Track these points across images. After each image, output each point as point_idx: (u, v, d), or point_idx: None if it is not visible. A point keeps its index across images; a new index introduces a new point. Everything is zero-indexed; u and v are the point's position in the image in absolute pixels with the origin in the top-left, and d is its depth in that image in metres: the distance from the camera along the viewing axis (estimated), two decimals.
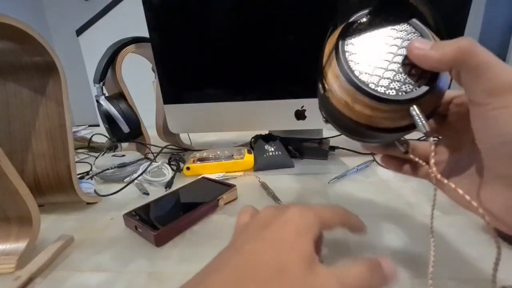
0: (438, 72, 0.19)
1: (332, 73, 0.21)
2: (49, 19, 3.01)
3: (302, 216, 0.20)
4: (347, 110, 0.20)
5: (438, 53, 0.18)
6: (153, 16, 0.52)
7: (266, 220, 0.20)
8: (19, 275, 0.27)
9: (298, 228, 0.19)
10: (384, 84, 0.19)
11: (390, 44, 0.21)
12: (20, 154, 0.37)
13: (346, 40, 0.21)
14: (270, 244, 0.18)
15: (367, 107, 0.19)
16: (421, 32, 0.21)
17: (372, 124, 0.20)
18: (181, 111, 0.59)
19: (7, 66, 0.35)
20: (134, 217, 0.35)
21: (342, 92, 0.20)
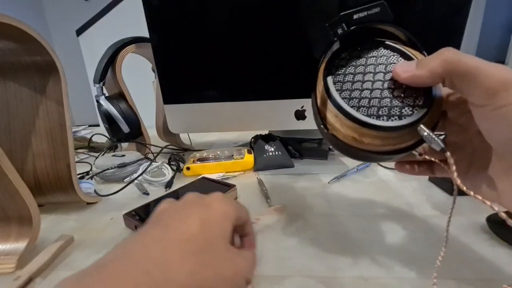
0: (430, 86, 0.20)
1: (330, 114, 0.21)
2: (49, 19, 3.01)
3: (225, 203, 0.21)
4: (357, 143, 0.21)
5: (425, 70, 0.19)
6: (153, 16, 0.52)
7: (190, 201, 0.22)
8: (19, 275, 0.27)
9: (223, 212, 0.20)
10: (385, 113, 0.20)
11: (375, 71, 0.21)
12: (20, 154, 0.37)
13: (333, 78, 0.22)
14: (198, 221, 0.18)
15: (376, 138, 0.20)
16: (399, 52, 0.21)
17: (384, 150, 0.21)
18: (181, 111, 0.59)
19: (7, 66, 0.35)
20: (134, 217, 0.35)
21: (347, 129, 0.20)
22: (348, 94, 0.21)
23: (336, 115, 0.21)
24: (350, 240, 0.31)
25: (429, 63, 0.18)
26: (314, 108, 0.23)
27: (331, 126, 0.21)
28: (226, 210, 0.20)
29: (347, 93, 0.21)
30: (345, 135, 0.21)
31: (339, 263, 0.28)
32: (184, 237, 0.17)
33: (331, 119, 0.21)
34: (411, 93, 0.20)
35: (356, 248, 0.30)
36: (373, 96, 0.20)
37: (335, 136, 0.21)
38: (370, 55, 0.22)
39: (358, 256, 0.29)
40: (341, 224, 0.35)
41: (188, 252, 0.17)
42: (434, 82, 0.19)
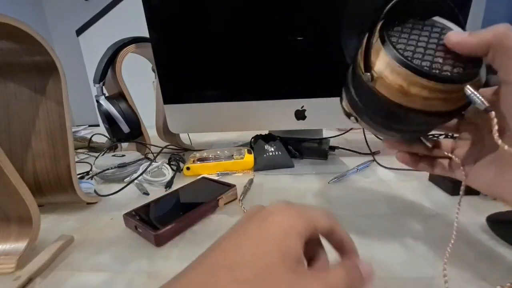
0: (478, 62, 0.21)
1: (381, 61, 0.21)
2: (49, 19, 3.01)
3: (288, 213, 0.17)
4: (400, 95, 0.21)
5: (475, 38, 0.19)
6: (153, 16, 0.52)
7: (249, 214, 0.19)
8: (19, 275, 0.27)
9: (283, 225, 0.16)
10: (438, 67, 0.20)
11: (430, 36, 0.22)
12: (20, 154, 0.37)
13: (389, 32, 0.22)
14: (252, 239, 0.16)
15: (425, 88, 0.20)
16: (453, 28, 0.22)
17: (426, 108, 0.21)
18: (181, 111, 0.59)
19: (7, 66, 0.35)
20: (134, 217, 0.35)
21: (396, 77, 0.21)
22: (403, 47, 0.21)
23: (388, 63, 0.21)
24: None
25: (481, 32, 0.19)
26: (361, 56, 0.23)
27: (377, 75, 0.21)
28: (289, 222, 0.17)
29: (402, 45, 0.21)
30: (391, 85, 0.21)
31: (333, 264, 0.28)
32: (231, 263, 0.15)
33: (381, 66, 0.21)
34: (462, 60, 0.21)
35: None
36: (427, 53, 0.21)
37: (375, 88, 0.22)
38: (426, 24, 0.23)
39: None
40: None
41: (236, 283, 0.14)
42: (478, 51, 0.20)
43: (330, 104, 0.55)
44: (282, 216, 0.17)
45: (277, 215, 0.17)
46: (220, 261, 0.15)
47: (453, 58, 0.20)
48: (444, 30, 0.22)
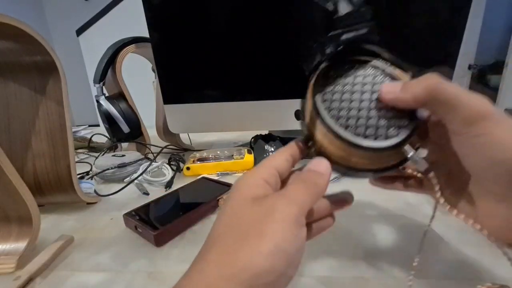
0: (415, 112, 0.21)
1: (319, 132, 0.21)
2: (49, 19, 3.01)
3: (295, 197, 0.18)
4: (344, 161, 0.21)
5: (408, 94, 0.19)
6: (153, 16, 0.52)
7: (245, 207, 0.19)
8: (19, 275, 0.27)
9: (290, 214, 0.17)
10: (372, 133, 0.20)
11: (362, 91, 0.21)
12: (20, 154, 0.37)
13: (322, 96, 0.22)
14: (265, 245, 0.16)
15: (363, 157, 0.21)
16: (385, 72, 0.22)
17: (371, 168, 0.21)
18: (181, 111, 0.59)
19: (7, 66, 0.35)
20: (134, 217, 0.35)
21: (335, 148, 0.21)
22: (337, 113, 0.21)
23: (325, 134, 0.21)
24: (350, 240, 0.31)
25: (412, 87, 0.19)
26: (303, 126, 0.23)
27: (319, 144, 0.22)
28: (293, 211, 0.17)
29: (335, 111, 0.21)
30: (334, 153, 0.21)
31: (339, 263, 0.28)
32: (247, 271, 0.15)
33: (319, 136, 0.22)
34: (396, 114, 0.20)
35: (356, 248, 0.30)
36: (360, 115, 0.21)
37: (324, 153, 0.22)
38: (357, 74, 0.22)
39: (358, 256, 0.29)
40: (341, 224, 0.35)
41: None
42: (416, 106, 0.20)
43: None
44: (288, 206, 0.18)
45: (283, 205, 0.18)
46: (229, 271, 0.16)
47: (388, 112, 0.20)
48: (376, 84, 0.21)
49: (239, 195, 0.19)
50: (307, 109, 0.22)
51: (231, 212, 0.18)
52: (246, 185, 0.19)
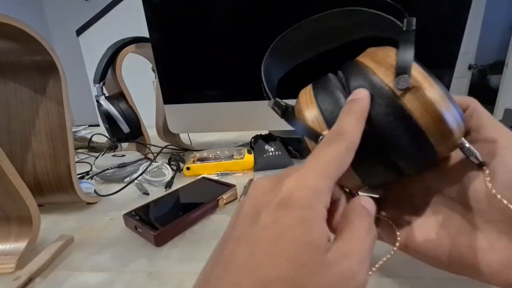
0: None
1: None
2: (49, 19, 3.01)
3: (303, 192, 0.14)
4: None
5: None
6: (153, 16, 0.52)
7: (255, 205, 0.16)
8: (19, 275, 0.27)
9: (302, 217, 0.14)
10: None
11: None
12: (20, 154, 0.37)
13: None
14: (263, 246, 0.13)
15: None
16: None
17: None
18: (181, 111, 0.59)
19: (7, 66, 0.35)
20: (134, 217, 0.35)
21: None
22: None
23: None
24: None
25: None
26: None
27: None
28: (307, 210, 0.14)
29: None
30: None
31: None
32: (258, 279, 0.12)
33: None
34: None
35: None
36: None
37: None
38: None
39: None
40: None
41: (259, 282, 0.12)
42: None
43: None
44: (297, 208, 0.14)
45: (290, 207, 0.14)
46: (236, 281, 0.13)
47: None
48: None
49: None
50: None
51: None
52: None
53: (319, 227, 0.14)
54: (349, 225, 0.15)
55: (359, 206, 0.17)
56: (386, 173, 0.19)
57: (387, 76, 0.17)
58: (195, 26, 0.52)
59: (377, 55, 0.19)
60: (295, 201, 0.14)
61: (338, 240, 0.15)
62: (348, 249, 0.14)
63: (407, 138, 0.17)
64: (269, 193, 0.16)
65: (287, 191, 0.15)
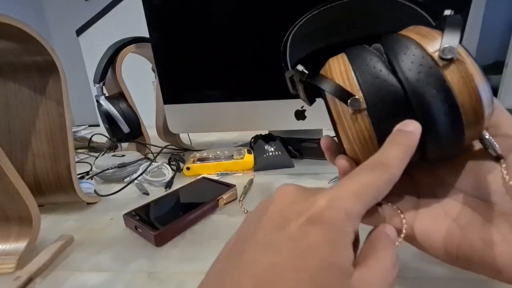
0: None
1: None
2: (49, 19, 3.01)
3: (336, 212, 0.14)
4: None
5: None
6: (153, 16, 0.52)
7: (281, 211, 0.15)
8: (19, 275, 0.27)
9: (331, 236, 0.13)
10: None
11: None
12: (20, 154, 0.37)
13: None
14: (288, 258, 0.13)
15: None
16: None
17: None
18: (181, 111, 0.59)
19: (7, 66, 0.35)
20: (134, 217, 0.35)
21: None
22: None
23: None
24: None
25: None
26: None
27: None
28: (336, 231, 0.14)
29: None
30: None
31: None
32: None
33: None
34: None
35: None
36: None
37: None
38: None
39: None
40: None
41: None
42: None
43: None
44: (328, 225, 0.14)
45: (321, 224, 0.14)
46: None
47: None
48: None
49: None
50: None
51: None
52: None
53: (346, 250, 0.14)
54: (375, 254, 0.15)
55: (385, 235, 0.16)
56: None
57: (431, 47, 0.17)
58: (195, 26, 0.52)
59: (421, 29, 0.19)
60: (326, 219, 0.14)
61: (362, 266, 0.14)
62: (373, 279, 0.14)
63: (441, 113, 0.16)
64: (299, 203, 0.15)
65: (319, 207, 0.14)
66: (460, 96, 0.16)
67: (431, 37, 0.17)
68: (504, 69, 2.26)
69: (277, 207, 0.15)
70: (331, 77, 0.19)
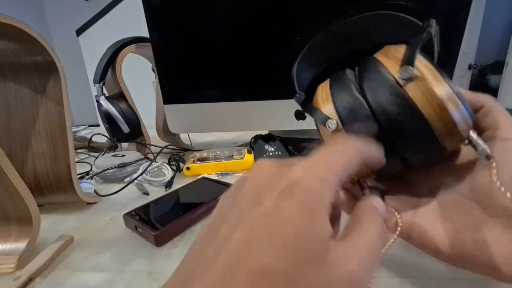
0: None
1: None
2: (49, 19, 3.01)
3: (311, 176, 0.14)
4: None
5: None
6: (153, 16, 0.52)
7: (256, 187, 0.14)
8: (19, 275, 0.27)
9: (306, 200, 0.13)
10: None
11: None
12: (20, 154, 0.37)
13: None
14: (262, 233, 0.12)
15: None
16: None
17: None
18: (181, 111, 0.59)
19: (7, 66, 0.35)
20: (134, 217, 0.35)
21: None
22: None
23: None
24: None
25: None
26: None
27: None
28: (311, 202, 0.13)
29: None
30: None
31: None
32: (246, 265, 0.11)
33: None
34: None
35: None
36: None
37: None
38: None
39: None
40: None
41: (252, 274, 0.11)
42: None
43: None
44: (301, 197, 0.13)
45: (294, 196, 0.13)
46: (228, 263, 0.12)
47: None
48: None
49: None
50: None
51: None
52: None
53: (323, 221, 0.13)
54: (359, 226, 0.14)
55: (371, 206, 0.16)
56: (394, 163, 0.20)
57: (393, 68, 0.19)
58: (195, 26, 0.52)
59: (389, 50, 0.21)
60: (301, 189, 0.13)
61: (344, 239, 0.13)
62: (355, 251, 0.13)
63: (412, 127, 0.18)
64: (273, 177, 0.14)
65: (293, 178, 0.14)
66: (425, 110, 0.17)
67: (395, 59, 0.19)
68: (504, 69, 2.26)
69: (251, 184, 0.15)
70: (316, 102, 0.23)
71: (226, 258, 0.12)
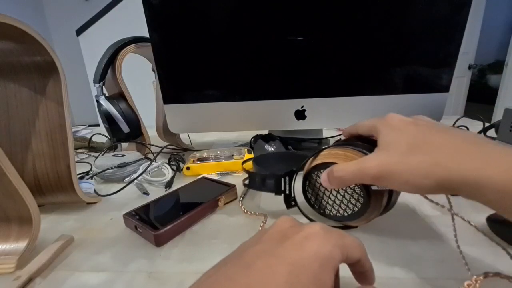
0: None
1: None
2: (49, 19, 3.01)
3: (325, 241, 0.17)
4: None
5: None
6: (153, 16, 0.52)
7: (281, 230, 0.18)
8: (19, 275, 0.27)
9: (320, 256, 0.16)
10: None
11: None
12: (20, 154, 0.37)
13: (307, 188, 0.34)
14: (286, 264, 0.15)
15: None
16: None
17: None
18: (181, 111, 0.59)
19: (7, 66, 0.35)
20: (134, 217, 0.35)
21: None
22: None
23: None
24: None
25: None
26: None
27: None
28: (325, 253, 0.16)
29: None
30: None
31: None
32: (269, 284, 0.14)
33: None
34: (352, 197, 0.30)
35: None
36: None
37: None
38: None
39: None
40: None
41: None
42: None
43: (330, 104, 0.55)
44: (319, 244, 0.16)
45: (314, 241, 0.16)
46: (250, 282, 0.15)
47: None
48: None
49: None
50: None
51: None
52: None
53: (330, 274, 0.16)
54: None
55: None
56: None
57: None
58: (195, 26, 0.52)
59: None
60: (322, 235, 0.17)
61: None
62: None
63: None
64: (294, 227, 0.18)
65: (315, 228, 0.18)
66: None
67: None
68: (504, 69, 2.27)
69: (277, 228, 0.19)
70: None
71: (246, 280, 0.15)
